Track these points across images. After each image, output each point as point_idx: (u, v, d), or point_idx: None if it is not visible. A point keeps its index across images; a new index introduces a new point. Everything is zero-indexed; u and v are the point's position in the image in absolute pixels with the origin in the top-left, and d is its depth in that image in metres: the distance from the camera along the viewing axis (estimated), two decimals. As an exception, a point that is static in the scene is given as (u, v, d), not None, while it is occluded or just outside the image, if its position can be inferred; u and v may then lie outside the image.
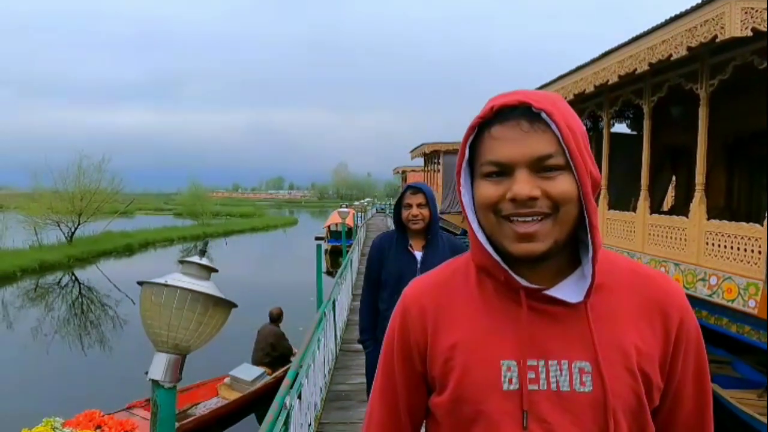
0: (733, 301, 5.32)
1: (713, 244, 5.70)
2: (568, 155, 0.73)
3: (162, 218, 45.96)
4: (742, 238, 5.29)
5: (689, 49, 5.20)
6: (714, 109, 6.10)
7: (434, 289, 0.86)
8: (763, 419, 5.78)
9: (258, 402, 7.34)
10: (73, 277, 19.64)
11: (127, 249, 26.77)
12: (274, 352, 8.15)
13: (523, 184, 0.72)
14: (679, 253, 6.24)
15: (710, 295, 5.64)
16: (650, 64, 5.91)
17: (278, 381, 7.75)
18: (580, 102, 8.86)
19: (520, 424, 0.75)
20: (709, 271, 5.69)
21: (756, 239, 5.09)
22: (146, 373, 1.11)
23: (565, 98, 6.45)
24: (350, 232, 20.95)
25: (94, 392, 7.90)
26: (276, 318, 8.46)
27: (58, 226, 24.65)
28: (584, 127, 0.78)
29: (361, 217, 28.32)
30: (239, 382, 7.42)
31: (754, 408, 6.08)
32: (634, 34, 6.24)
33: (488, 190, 0.76)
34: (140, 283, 1.12)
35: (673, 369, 0.80)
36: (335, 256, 22.10)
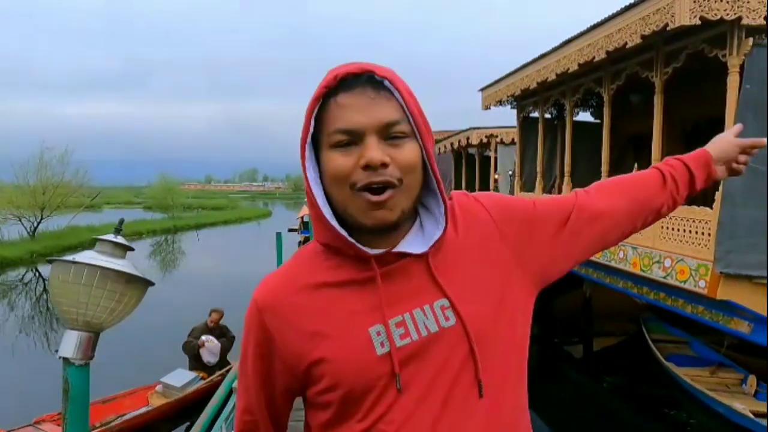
0: (685, 282, 5.51)
1: (667, 228, 5.88)
2: (412, 122, 0.76)
3: (131, 212, 44.88)
4: (693, 221, 5.47)
5: (643, 37, 5.33)
6: (672, 96, 6.27)
7: (285, 283, 0.85)
8: (714, 395, 6.03)
9: (192, 408, 6.81)
10: (37, 273, 19.08)
11: (94, 243, 26.07)
12: (223, 363, 7.86)
13: (375, 150, 0.74)
14: (636, 237, 6.42)
15: (665, 277, 5.83)
16: (607, 52, 6.04)
17: (214, 386, 7.11)
18: (544, 90, 8.99)
19: (401, 379, 0.77)
20: (663, 253, 5.87)
21: (706, 222, 5.28)
22: (56, 351, 1.10)
23: (529, 86, 6.55)
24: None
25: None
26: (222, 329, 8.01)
27: (20, 220, 23.85)
28: (416, 96, 0.80)
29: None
30: (170, 388, 6.98)
31: (706, 384, 6.35)
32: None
33: (339, 160, 0.76)
34: (50, 261, 1.11)
35: (514, 243, 0.87)
36: (308, 247, 21.96)
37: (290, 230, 28.08)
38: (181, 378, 7.14)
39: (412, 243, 0.81)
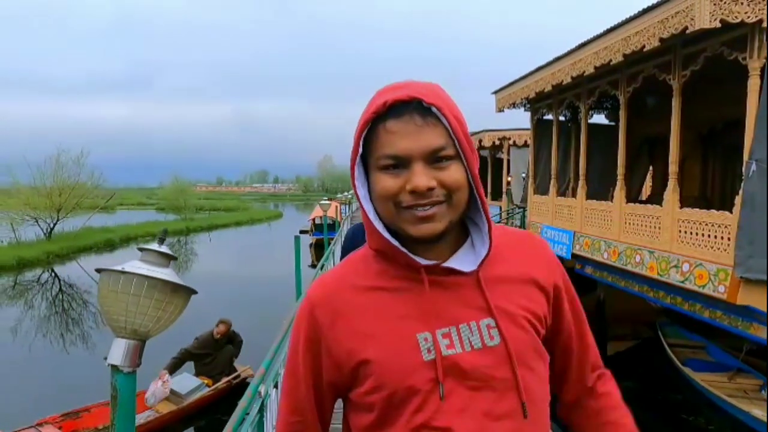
0: (704, 286, 5.46)
1: (686, 232, 5.83)
2: (457, 145, 0.80)
3: (144, 213, 45.38)
4: (712, 225, 5.42)
5: (661, 40, 5.30)
6: (689, 99, 6.22)
7: (337, 284, 0.88)
8: (732, 401, 5.96)
9: (195, 416, 6.87)
10: (53, 274, 19.34)
11: (108, 244, 26.40)
12: (230, 369, 7.75)
13: (421, 176, 0.77)
14: (654, 241, 6.38)
15: (683, 281, 5.78)
16: (624, 56, 6.00)
17: (219, 393, 7.26)
18: (558, 93, 8.96)
19: (444, 388, 0.81)
20: (681, 258, 5.82)
21: (726, 226, 5.23)
22: (105, 358, 1.13)
23: (544, 89, 6.52)
24: (334, 225, 20.92)
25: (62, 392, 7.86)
26: (230, 336, 7.85)
27: (36, 222, 24.19)
28: (463, 116, 0.84)
29: (346, 209, 28.26)
30: (174, 394, 6.84)
31: (723, 390, 6.27)
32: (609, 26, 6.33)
33: (387, 182, 0.80)
34: (98, 271, 1.14)
35: (558, 310, 0.94)
36: (320, 250, 22.00)
37: (301, 232, 28.20)
38: (186, 384, 7.02)
39: (463, 260, 0.85)
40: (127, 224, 31.73)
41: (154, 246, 1.19)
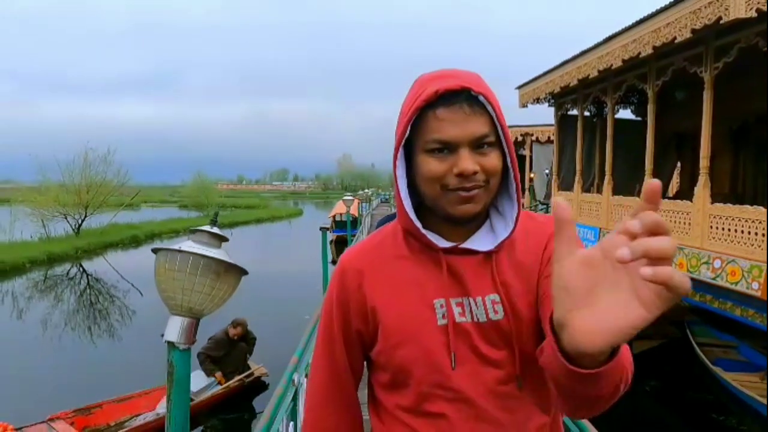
0: (736, 283, 5.34)
1: (717, 228, 5.70)
2: (500, 133, 0.86)
3: (167, 210, 46.19)
4: (745, 221, 5.29)
5: (693, 31, 5.19)
6: (719, 92, 6.07)
7: (367, 252, 0.97)
8: (764, 401, 5.82)
9: (206, 414, 6.77)
10: (81, 269, 19.83)
11: (134, 240, 26.94)
12: (243, 368, 7.63)
13: (468, 161, 0.84)
14: (684, 237, 6.25)
15: (714, 278, 5.66)
16: (654, 48, 5.89)
17: (231, 392, 7.11)
18: (583, 88, 8.83)
19: (456, 354, 0.87)
20: (713, 254, 5.70)
21: (759, 222, 5.10)
22: (162, 335, 1.16)
23: (569, 84, 6.44)
24: (355, 222, 20.99)
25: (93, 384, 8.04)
26: (243, 334, 7.67)
27: (65, 218, 24.82)
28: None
29: (366, 207, 28.35)
30: None
31: (756, 390, 6.12)
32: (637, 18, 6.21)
33: (434, 164, 0.86)
34: (155, 251, 1.17)
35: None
36: (340, 246, 22.14)
37: (321, 229, 28.32)
38: (197, 383, 6.89)
39: (482, 241, 0.92)
40: (152, 221, 32.33)
41: (206, 227, 1.22)
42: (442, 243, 0.91)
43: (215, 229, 1.21)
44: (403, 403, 0.91)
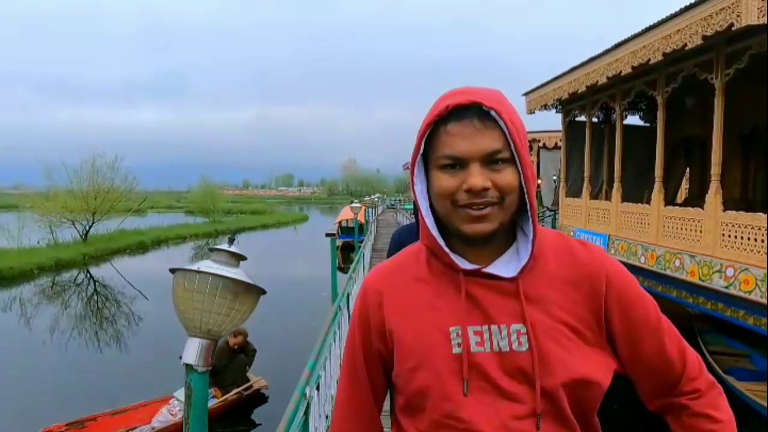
0: (750, 292, 5.27)
1: (729, 236, 5.64)
2: (513, 150, 0.83)
3: (174, 216, 46.37)
4: (759, 229, 5.23)
5: (704, 38, 5.15)
6: (730, 98, 6.02)
7: (389, 272, 0.97)
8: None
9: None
10: (88, 275, 19.90)
11: (141, 246, 27.06)
12: (240, 380, 7.44)
13: (477, 177, 0.82)
14: (695, 245, 6.19)
15: (727, 287, 5.59)
16: (664, 54, 5.85)
17: (228, 405, 6.91)
18: (591, 94, 8.79)
19: (469, 384, 0.84)
20: (725, 262, 5.63)
21: (773, 230, 5.03)
22: (180, 357, 1.14)
23: (577, 90, 6.40)
24: (362, 228, 21.02)
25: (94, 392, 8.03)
26: (243, 345, 7.48)
27: (73, 224, 24.96)
28: (522, 122, 0.87)
29: (372, 213, 28.35)
30: (181, 404, 6.45)
31: (771, 400, 6.03)
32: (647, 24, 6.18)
33: (445, 181, 0.85)
34: (172, 271, 1.15)
35: (610, 321, 0.88)
36: (346, 252, 22.14)
37: (327, 235, 28.35)
38: None
39: (506, 266, 0.88)
40: (159, 227, 32.46)
41: (225, 246, 1.20)
42: (465, 265, 0.88)
43: (233, 248, 1.19)
44: (420, 428, 0.89)
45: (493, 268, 0.87)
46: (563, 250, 0.92)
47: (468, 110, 0.83)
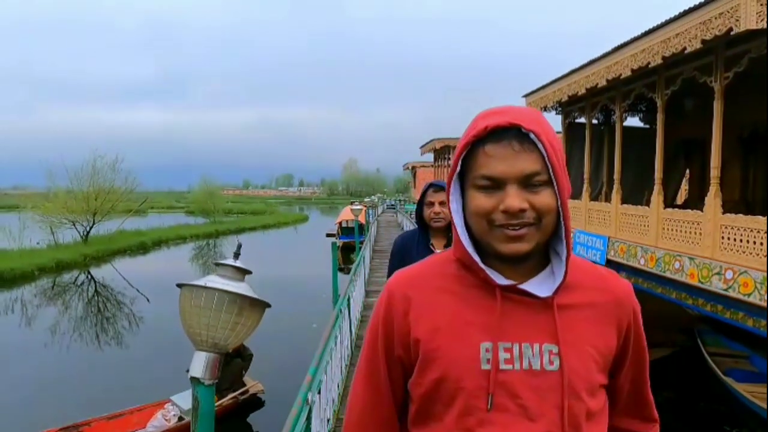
0: (749, 295, 5.28)
1: (729, 238, 5.66)
2: (551, 172, 0.83)
3: (174, 216, 46.38)
4: (758, 231, 5.24)
5: (704, 42, 5.17)
6: (729, 101, 6.04)
7: (416, 279, 0.95)
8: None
9: None
10: (89, 276, 19.92)
11: (141, 247, 27.09)
12: (236, 385, 7.41)
13: (514, 198, 0.82)
14: (694, 247, 6.21)
15: (726, 290, 5.60)
16: (664, 58, 5.87)
17: (223, 410, 6.74)
18: (592, 96, 8.81)
19: (494, 399, 0.85)
20: (724, 265, 5.65)
21: (773, 233, 5.05)
22: (187, 371, 1.16)
23: (577, 93, 6.40)
24: (362, 228, 21.05)
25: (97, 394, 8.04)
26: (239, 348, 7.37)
27: (74, 225, 24.99)
28: (561, 143, 0.88)
29: (372, 213, 28.38)
30: (176, 408, 6.59)
31: (770, 402, 6.04)
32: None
33: (482, 201, 0.85)
34: (179, 286, 1.17)
35: (624, 351, 0.95)
36: (346, 252, 22.16)
37: (328, 235, 28.39)
38: (188, 401, 6.38)
39: (540, 285, 0.89)
40: (159, 227, 32.48)
41: (230, 261, 1.22)
42: (501, 280, 0.87)
43: (239, 263, 1.22)
44: None
45: (528, 286, 0.87)
46: (595, 275, 0.94)
47: (507, 132, 0.83)
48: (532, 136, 0.82)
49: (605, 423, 0.92)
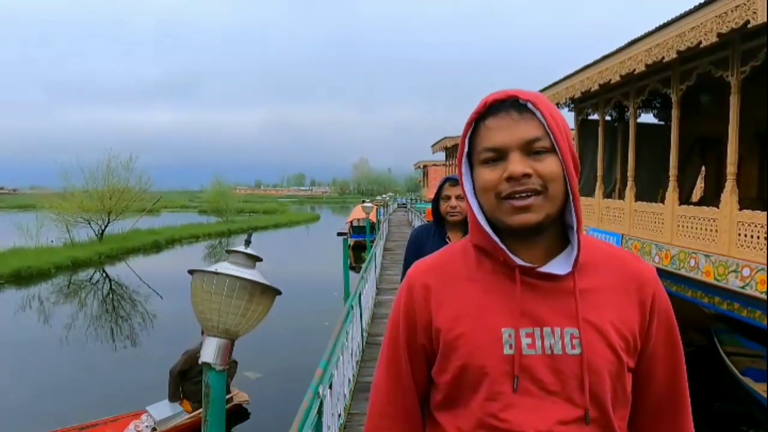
0: (766, 293, 5.19)
1: (745, 235, 5.57)
2: (552, 139, 0.83)
3: (187, 215, 46.80)
4: (776, 228, 5.15)
5: (720, 35, 5.08)
6: (745, 96, 5.94)
7: (436, 268, 0.95)
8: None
9: None
10: (104, 274, 20.18)
11: (155, 246, 27.36)
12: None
13: (517, 164, 0.83)
14: (710, 245, 6.12)
15: (743, 287, 5.51)
16: (678, 52, 5.79)
17: (197, 423, 6.33)
18: (605, 92, 8.72)
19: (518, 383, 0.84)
20: (741, 262, 5.56)
21: (791, 229, 4.96)
22: (198, 356, 1.17)
23: (590, 89, 6.34)
24: (373, 227, 21.07)
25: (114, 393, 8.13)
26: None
27: (89, 224, 25.35)
28: (566, 120, 0.88)
29: (383, 212, 28.39)
30: (150, 420, 6.32)
31: (789, 401, 5.94)
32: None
33: (488, 174, 0.86)
34: (191, 272, 1.18)
35: (648, 334, 0.91)
36: (358, 251, 22.20)
37: (339, 234, 28.45)
38: (162, 411, 6.35)
39: (560, 265, 0.88)
40: (172, 226, 32.80)
41: (241, 248, 1.23)
42: (520, 262, 0.87)
43: (250, 250, 1.22)
44: (460, 426, 0.88)
45: (547, 268, 0.87)
46: (617, 258, 0.93)
47: (505, 104, 0.85)
48: (529, 105, 0.84)
49: (628, 408, 0.91)
